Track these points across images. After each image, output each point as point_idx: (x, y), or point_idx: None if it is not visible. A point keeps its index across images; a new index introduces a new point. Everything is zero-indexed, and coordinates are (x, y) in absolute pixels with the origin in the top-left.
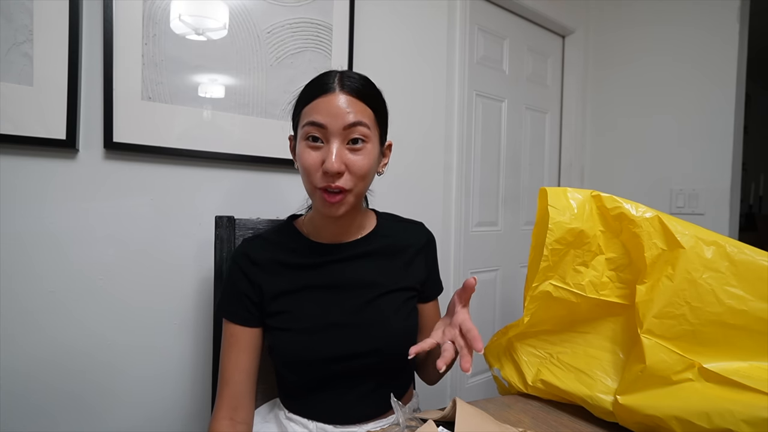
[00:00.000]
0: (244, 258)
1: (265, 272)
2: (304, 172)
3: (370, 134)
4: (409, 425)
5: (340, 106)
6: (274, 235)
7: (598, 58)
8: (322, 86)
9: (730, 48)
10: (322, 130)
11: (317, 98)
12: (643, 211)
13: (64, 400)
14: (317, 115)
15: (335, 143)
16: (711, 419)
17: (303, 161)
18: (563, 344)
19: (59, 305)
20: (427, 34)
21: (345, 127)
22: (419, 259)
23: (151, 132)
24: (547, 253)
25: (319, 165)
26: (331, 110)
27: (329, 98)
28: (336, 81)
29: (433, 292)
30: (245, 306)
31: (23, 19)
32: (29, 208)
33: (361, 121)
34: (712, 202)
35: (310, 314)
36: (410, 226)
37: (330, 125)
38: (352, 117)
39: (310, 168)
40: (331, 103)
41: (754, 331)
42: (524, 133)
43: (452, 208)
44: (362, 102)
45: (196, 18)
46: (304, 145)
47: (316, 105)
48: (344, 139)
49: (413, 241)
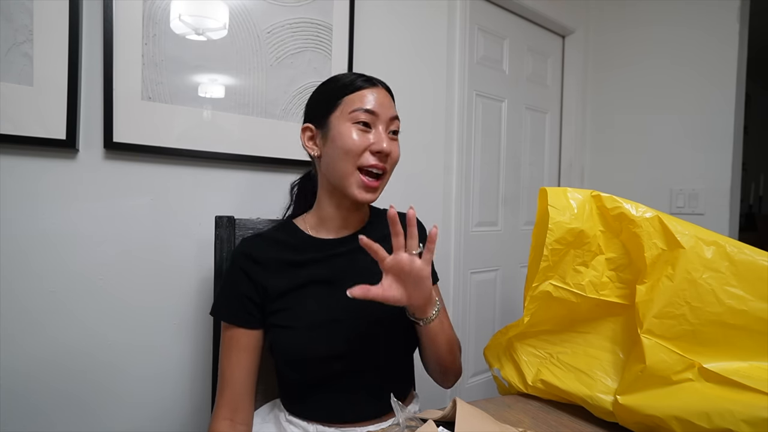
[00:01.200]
0: (245, 258)
1: (267, 271)
2: (347, 152)
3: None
4: (409, 425)
5: (386, 99)
6: (274, 233)
7: (598, 58)
8: (363, 79)
9: (730, 48)
10: (373, 117)
11: (364, 89)
12: (643, 211)
13: (63, 400)
14: (369, 103)
15: (382, 128)
16: (711, 419)
17: (350, 141)
18: (563, 344)
19: (59, 305)
20: (426, 34)
21: (391, 118)
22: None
23: (151, 132)
24: (547, 253)
25: (365, 147)
26: (379, 100)
27: (376, 91)
28: (375, 80)
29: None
30: (246, 308)
31: (23, 19)
32: (29, 208)
33: (398, 116)
34: (712, 202)
35: (312, 310)
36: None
37: (381, 113)
38: (394, 111)
39: (358, 148)
40: (379, 95)
41: (754, 331)
42: (524, 133)
43: (452, 208)
44: (393, 101)
45: (196, 18)
46: (351, 128)
47: (365, 95)
48: (387, 128)
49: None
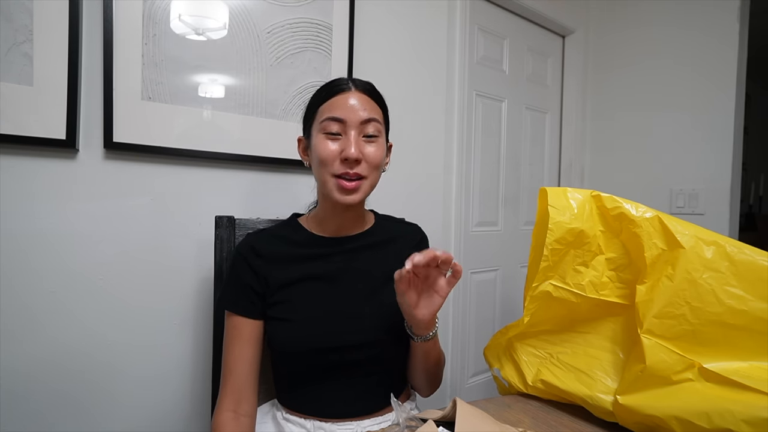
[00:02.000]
0: (249, 250)
1: (270, 264)
2: (321, 162)
3: (381, 129)
4: (409, 425)
5: (357, 103)
6: (278, 229)
7: (598, 58)
8: (337, 86)
9: (730, 48)
10: (341, 124)
11: (334, 96)
12: (643, 211)
13: (63, 400)
14: (336, 111)
15: (353, 134)
16: (711, 419)
17: (321, 151)
18: (563, 344)
19: (59, 305)
20: (426, 34)
21: (362, 122)
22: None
23: (151, 132)
24: (547, 253)
25: (337, 154)
26: (348, 106)
27: (346, 96)
28: (349, 82)
29: None
30: (249, 297)
31: (23, 19)
32: (29, 208)
33: (374, 118)
34: (712, 202)
35: (310, 304)
36: (405, 226)
37: (348, 119)
38: (367, 113)
39: (328, 157)
40: (348, 100)
41: (754, 331)
42: (524, 133)
43: (452, 208)
44: (373, 101)
45: (196, 18)
46: (322, 138)
47: (334, 102)
48: (360, 132)
49: (409, 238)
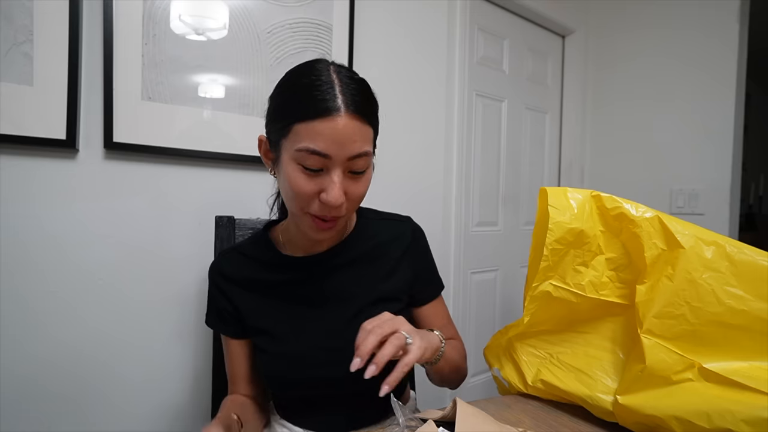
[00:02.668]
0: (218, 275)
1: (240, 288)
2: (293, 197)
3: (371, 159)
4: (409, 425)
5: (347, 133)
6: (248, 248)
7: (598, 58)
8: (323, 104)
9: (729, 48)
10: (324, 161)
11: (318, 119)
12: (643, 211)
13: (63, 400)
14: (320, 143)
15: (338, 173)
16: (711, 419)
17: (296, 187)
18: (563, 344)
19: (59, 305)
20: (427, 34)
21: (351, 158)
22: (404, 263)
23: (151, 132)
24: (547, 253)
25: (315, 194)
26: (336, 138)
27: (334, 123)
28: (340, 99)
29: (427, 293)
30: (226, 320)
31: (23, 19)
32: (29, 208)
33: (366, 152)
34: (712, 202)
35: (288, 337)
36: (394, 223)
37: (335, 156)
38: (357, 147)
39: (304, 196)
40: (337, 130)
41: (754, 331)
42: (524, 133)
43: (452, 208)
44: (367, 123)
45: (196, 18)
46: (297, 170)
47: (318, 129)
48: (346, 169)
49: (397, 242)
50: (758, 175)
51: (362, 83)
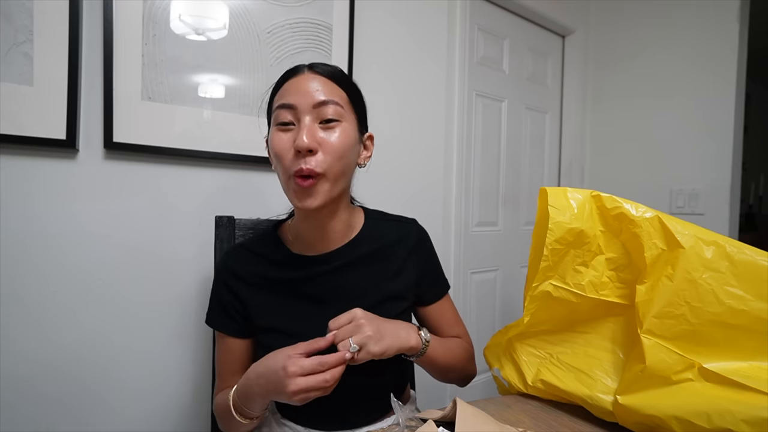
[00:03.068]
0: (227, 272)
1: (248, 286)
2: (276, 160)
3: (344, 113)
4: (408, 425)
5: (310, 85)
6: (257, 245)
7: (598, 58)
8: (291, 71)
9: (730, 48)
10: (293, 111)
11: (285, 82)
12: (643, 211)
13: (63, 400)
14: (287, 96)
15: (306, 120)
16: (711, 419)
17: (274, 146)
18: (563, 344)
19: (59, 305)
20: (427, 34)
21: (315, 105)
22: (410, 263)
23: (151, 132)
24: (547, 253)
25: (290, 147)
26: (300, 89)
27: (298, 79)
28: (305, 66)
29: (433, 293)
30: (232, 317)
31: (23, 19)
32: (29, 208)
33: (332, 99)
34: (712, 202)
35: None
36: (400, 225)
37: (299, 104)
38: (322, 95)
39: (281, 151)
40: (300, 82)
41: (754, 331)
42: (524, 133)
43: (452, 208)
44: (333, 82)
45: (196, 18)
46: (274, 130)
47: (286, 88)
48: (316, 117)
49: (403, 242)
50: (758, 175)
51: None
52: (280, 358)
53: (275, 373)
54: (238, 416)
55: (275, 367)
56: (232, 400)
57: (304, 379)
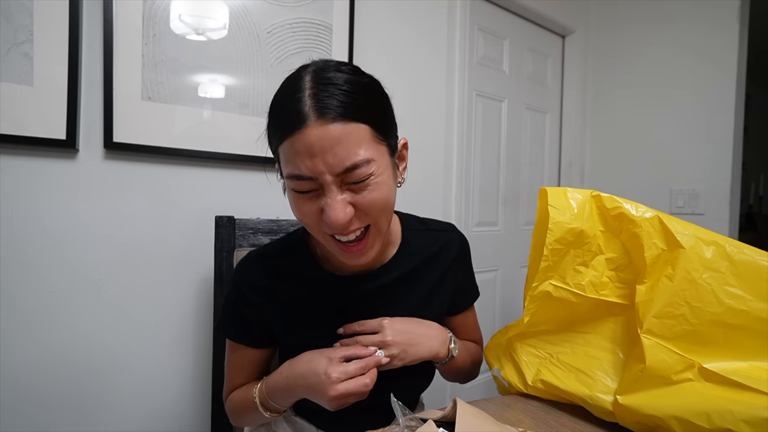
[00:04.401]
0: (246, 286)
1: (271, 302)
2: (304, 224)
3: (374, 160)
4: (408, 425)
5: (322, 147)
6: (282, 256)
7: (598, 58)
8: (291, 117)
9: (730, 48)
10: (313, 183)
11: (291, 137)
12: (643, 211)
13: (63, 400)
14: (300, 164)
15: (332, 190)
16: (711, 419)
17: (299, 214)
18: (563, 344)
19: (59, 305)
20: (427, 34)
21: (341, 173)
22: (449, 275)
23: (151, 132)
24: (547, 253)
25: (319, 215)
26: (311, 153)
27: (304, 137)
28: (308, 105)
29: (464, 303)
30: (250, 330)
31: (23, 19)
32: (29, 209)
33: (358, 161)
34: (712, 202)
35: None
36: (440, 236)
37: (318, 175)
38: (343, 158)
39: (310, 221)
40: (309, 144)
41: (754, 331)
42: (524, 133)
43: (452, 208)
44: (351, 122)
45: (196, 18)
46: (294, 196)
47: (294, 148)
48: (341, 183)
49: (444, 253)
50: (758, 175)
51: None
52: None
53: (317, 375)
54: (263, 410)
55: (317, 369)
56: (259, 396)
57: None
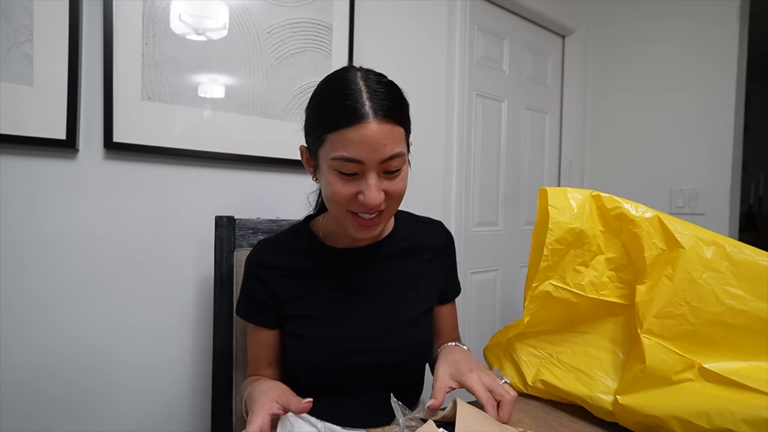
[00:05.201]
0: (257, 264)
1: (280, 277)
2: (333, 200)
3: (405, 158)
4: (409, 425)
5: (378, 137)
6: (289, 239)
7: (598, 58)
8: (353, 112)
9: (730, 48)
10: (358, 166)
11: (348, 128)
12: (642, 211)
13: (63, 399)
14: (352, 150)
15: (373, 176)
16: (711, 419)
17: (335, 192)
18: (563, 344)
19: (59, 305)
20: (427, 34)
21: (384, 160)
22: (436, 264)
23: (151, 132)
24: (547, 253)
25: (354, 196)
26: (367, 143)
27: (363, 130)
28: (368, 105)
29: (450, 293)
30: (260, 310)
31: (23, 19)
32: (29, 208)
33: (397, 153)
34: (712, 202)
35: (331, 321)
36: (429, 227)
37: (367, 161)
38: (389, 150)
39: (343, 198)
40: (367, 136)
41: (754, 331)
42: (524, 133)
43: (452, 208)
44: (397, 125)
45: (196, 18)
46: (335, 176)
47: (349, 137)
48: (380, 171)
49: (432, 244)
50: (758, 175)
51: (391, 86)
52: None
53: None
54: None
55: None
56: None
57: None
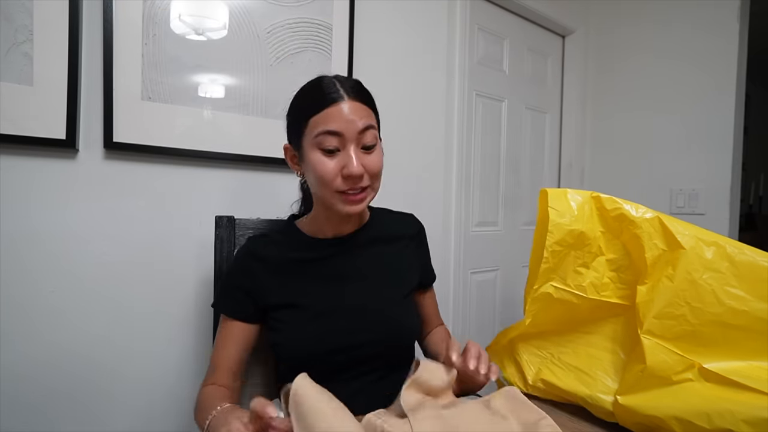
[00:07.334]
0: (248, 255)
1: (269, 269)
2: (321, 180)
3: (377, 134)
4: None
5: (352, 113)
6: (277, 234)
7: (599, 58)
8: (328, 96)
9: (730, 48)
10: (339, 138)
11: (327, 108)
12: (643, 211)
13: (63, 399)
14: (332, 124)
15: (352, 148)
16: (711, 419)
17: (321, 170)
18: (564, 344)
19: (59, 305)
20: (427, 34)
21: (359, 132)
22: (412, 249)
23: (151, 132)
24: (548, 254)
25: (338, 171)
26: (344, 117)
27: (340, 107)
28: (341, 90)
29: (427, 280)
30: (238, 299)
31: (23, 19)
32: (29, 208)
33: (371, 125)
34: (712, 202)
35: (314, 306)
36: (402, 217)
37: (346, 132)
38: (363, 122)
39: (329, 175)
40: (343, 111)
41: (754, 331)
42: (524, 133)
43: (452, 208)
44: (367, 106)
45: (196, 18)
46: (318, 155)
47: (328, 114)
48: (358, 144)
49: (405, 231)
50: (758, 175)
51: (358, 81)
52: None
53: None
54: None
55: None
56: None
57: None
